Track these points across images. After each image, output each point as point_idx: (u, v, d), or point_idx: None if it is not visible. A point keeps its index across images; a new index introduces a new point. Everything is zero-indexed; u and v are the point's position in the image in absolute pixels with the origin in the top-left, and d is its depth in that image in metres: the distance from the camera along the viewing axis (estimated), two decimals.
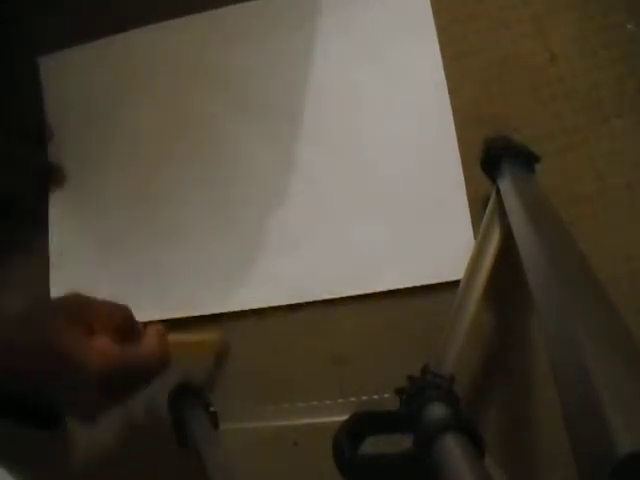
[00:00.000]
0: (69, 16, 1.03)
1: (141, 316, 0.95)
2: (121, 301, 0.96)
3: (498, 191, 0.78)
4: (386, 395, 0.81)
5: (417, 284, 0.86)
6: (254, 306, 0.91)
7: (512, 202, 0.71)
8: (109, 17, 1.02)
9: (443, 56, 0.89)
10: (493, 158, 0.80)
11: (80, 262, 0.98)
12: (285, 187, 0.93)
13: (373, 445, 0.67)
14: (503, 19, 0.89)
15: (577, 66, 0.86)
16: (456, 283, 0.79)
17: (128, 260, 0.97)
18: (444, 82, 0.89)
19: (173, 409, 0.89)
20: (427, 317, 0.86)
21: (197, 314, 0.93)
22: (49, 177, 1.01)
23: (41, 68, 1.03)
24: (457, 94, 0.89)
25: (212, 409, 0.87)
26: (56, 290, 0.98)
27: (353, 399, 0.85)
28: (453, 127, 0.88)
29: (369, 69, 0.92)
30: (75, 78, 1.03)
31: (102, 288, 0.97)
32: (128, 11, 1.01)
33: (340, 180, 0.91)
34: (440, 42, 0.90)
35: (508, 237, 0.74)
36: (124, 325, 0.65)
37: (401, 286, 0.87)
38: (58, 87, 1.03)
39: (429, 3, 0.90)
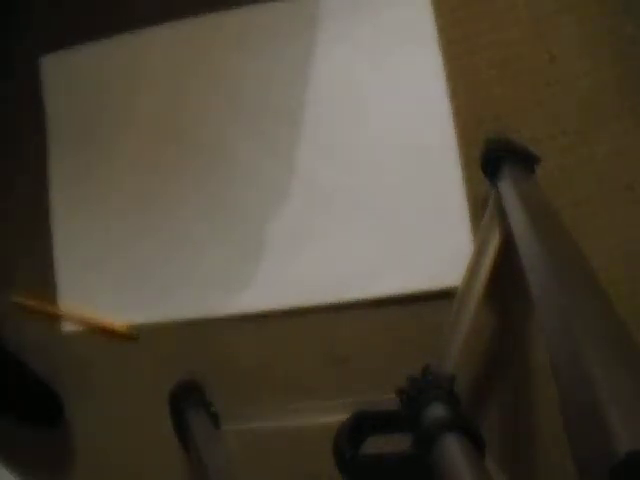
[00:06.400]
0: (71, 16, 1.03)
1: (144, 318, 0.96)
2: (122, 304, 0.98)
3: (498, 192, 0.78)
4: (386, 395, 0.81)
5: (417, 290, 0.86)
6: (254, 310, 0.92)
7: (512, 203, 0.71)
8: (111, 18, 1.02)
9: (444, 58, 0.89)
10: (493, 159, 0.81)
11: (85, 268, 0.99)
12: (285, 192, 0.93)
13: (373, 445, 0.67)
14: (503, 21, 0.89)
15: (577, 67, 0.87)
16: (456, 287, 0.79)
17: (130, 264, 0.97)
18: (444, 84, 0.89)
19: (174, 410, 0.89)
20: (427, 318, 0.86)
21: (197, 317, 0.94)
22: None
23: (42, 68, 1.03)
24: (457, 96, 0.89)
25: (213, 410, 0.87)
26: (62, 293, 0.99)
27: (353, 399, 0.85)
28: (453, 129, 0.88)
29: (370, 72, 0.92)
30: (76, 78, 1.03)
31: (106, 291, 0.98)
32: (130, 12, 1.01)
33: (340, 184, 0.91)
34: (441, 44, 0.90)
35: (508, 238, 0.74)
36: None
37: (401, 292, 0.87)
38: (59, 86, 1.03)
39: (429, 7, 0.90)
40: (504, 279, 0.82)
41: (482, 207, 0.84)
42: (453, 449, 0.57)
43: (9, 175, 1.03)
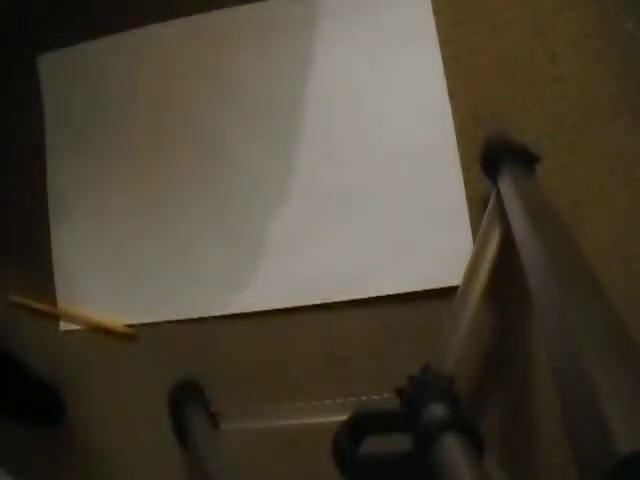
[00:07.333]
0: (69, 14, 1.03)
1: (144, 318, 0.96)
2: (122, 303, 0.98)
3: (498, 192, 0.78)
4: (386, 395, 0.81)
5: (417, 289, 0.86)
6: (254, 310, 0.92)
7: (512, 202, 0.71)
8: (110, 16, 1.02)
9: (443, 57, 0.89)
10: (493, 158, 0.81)
11: (84, 267, 0.98)
12: (285, 192, 0.93)
13: (373, 444, 0.67)
14: (503, 20, 0.89)
15: (577, 66, 0.86)
16: (456, 287, 0.79)
17: (129, 264, 0.97)
18: (444, 84, 0.89)
19: (173, 409, 0.89)
20: (427, 318, 0.86)
21: (197, 317, 0.94)
22: None
23: (40, 67, 1.03)
24: (457, 95, 0.89)
25: (212, 409, 0.87)
26: (61, 293, 0.99)
27: (353, 399, 0.86)
28: (453, 129, 0.88)
29: (370, 72, 0.92)
30: (74, 77, 1.03)
31: (105, 291, 0.97)
32: (129, 10, 1.01)
33: (340, 184, 0.91)
34: (440, 43, 0.90)
35: (508, 238, 0.74)
36: None
37: (401, 291, 0.87)
38: (57, 85, 1.03)
39: (430, 7, 0.90)
40: (504, 279, 0.82)
41: (482, 207, 0.84)
42: (452, 449, 0.57)
43: (9, 175, 1.03)
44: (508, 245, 0.74)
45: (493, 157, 0.81)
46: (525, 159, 0.80)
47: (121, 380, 0.96)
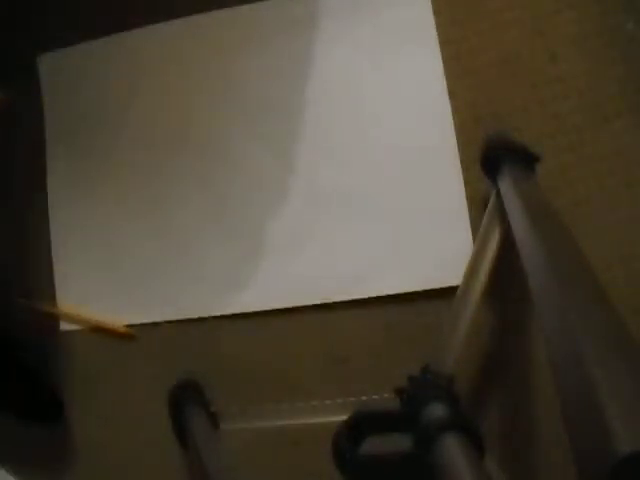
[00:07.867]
0: (69, 14, 1.03)
1: (144, 318, 0.96)
2: (122, 303, 0.98)
3: (498, 193, 0.78)
4: (386, 395, 0.81)
5: (417, 289, 0.86)
6: (254, 310, 0.92)
7: (512, 202, 0.71)
8: (110, 16, 1.02)
9: (443, 57, 0.89)
10: (493, 158, 0.81)
11: (84, 267, 0.98)
12: (285, 192, 0.93)
13: (373, 444, 0.67)
14: (503, 20, 0.89)
15: (577, 66, 0.86)
16: (456, 287, 0.79)
17: (129, 264, 0.97)
18: (444, 84, 0.89)
19: (173, 409, 0.89)
20: (427, 318, 0.86)
21: (197, 317, 0.94)
22: None
23: (40, 67, 1.03)
24: (457, 95, 0.89)
25: (212, 409, 0.87)
26: (61, 293, 0.99)
27: (353, 399, 0.86)
28: (453, 129, 0.88)
29: (370, 72, 0.92)
30: (74, 77, 1.03)
31: (105, 291, 0.97)
32: (130, 10, 1.01)
33: (340, 184, 0.91)
34: (440, 43, 0.90)
35: (508, 238, 0.74)
36: None
37: (401, 291, 0.87)
38: (57, 85, 1.03)
39: (430, 7, 0.90)
40: (504, 279, 0.82)
41: (482, 207, 0.84)
42: (453, 449, 0.57)
43: (9, 175, 1.03)
44: (508, 245, 0.74)
45: (493, 157, 0.81)
46: (525, 159, 0.80)
47: (121, 380, 0.96)
